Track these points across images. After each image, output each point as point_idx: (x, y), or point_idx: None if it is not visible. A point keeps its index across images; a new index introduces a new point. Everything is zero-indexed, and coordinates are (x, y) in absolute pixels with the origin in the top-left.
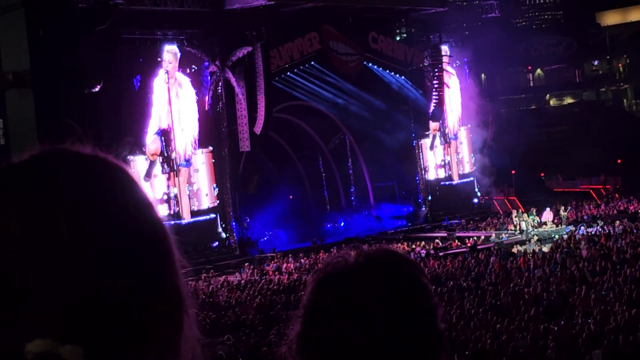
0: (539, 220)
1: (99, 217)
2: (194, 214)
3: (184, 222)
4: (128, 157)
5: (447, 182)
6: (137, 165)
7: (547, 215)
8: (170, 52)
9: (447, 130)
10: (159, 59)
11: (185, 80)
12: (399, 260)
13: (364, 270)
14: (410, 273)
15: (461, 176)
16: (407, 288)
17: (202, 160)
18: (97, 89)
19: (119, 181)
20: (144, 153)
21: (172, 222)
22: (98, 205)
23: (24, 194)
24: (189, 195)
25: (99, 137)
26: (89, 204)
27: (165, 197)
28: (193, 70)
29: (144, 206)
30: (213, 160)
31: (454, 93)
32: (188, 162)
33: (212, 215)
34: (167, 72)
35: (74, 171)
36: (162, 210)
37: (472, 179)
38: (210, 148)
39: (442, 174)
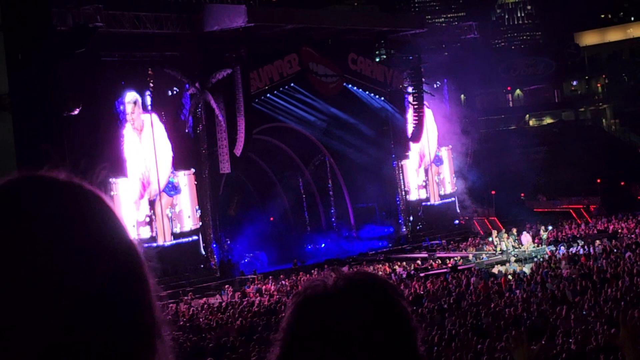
0: (519, 241)
1: (74, 247)
2: (176, 236)
3: (166, 244)
4: (110, 179)
5: (429, 203)
6: (119, 188)
7: (525, 238)
8: (130, 103)
9: (426, 151)
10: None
11: (153, 120)
12: (378, 284)
13: (344, 293)
14: (390, 297)
15: (443, 197)
16: (387, 312)
17: (184, 182)
18: (76, 112)
19: (94, 209)
20: (125, 175)
21: (155, 245)
22: (72, 234)
23: None
24: (170, 217)
25: (78, 160)
26: (64, 233)
27: (147, 219)
28: (175, 92)
29: (119, 234)
30: (196, 183)
31: (434, 114)
32: (173, 189)
33: (195, 237)
34: (132, 122)
35: (49, 199)
36: (145, 232)
37: (453, 199)
38: (193, 170)
39: (423, 194)
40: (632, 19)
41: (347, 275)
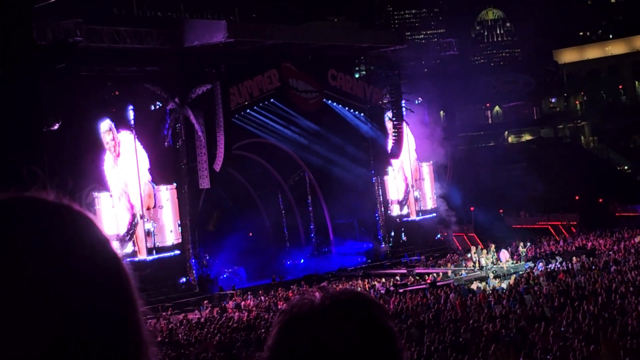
0: (497, 258)
1: (63, 268)
2: (158, 250)
3: (148, 258)
4: (92, 193)
5: (409, 219)
6: (101, 202)
7: (504, 255)
8: (105, 133)
9: (406, 167)
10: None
11: (131, 146)
12: (365, 303)
13: (330, 313)
14: (376, 316)
15: (424, 212)
16: (373, 332)
17: (166, 196)
18: (56, 127)
19: (83, 230)
20: (107, 189)
21: (136, 259)
22: (62, 255)
23: None
24: (153, 232)
25: (59, 175)
26: (54, 254)
27: (128, 236)
28: (157, 107)
29: (108, 255)
30: (178, 198)
31: (413, 130)
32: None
33: (177, 252)
34: (110, 149)
35: (40, 220)
36: (128, 247)
37: (434, 215)
38: (175, 184)
39: (404, 210)
40: (611, 36)
41: (333, 294)
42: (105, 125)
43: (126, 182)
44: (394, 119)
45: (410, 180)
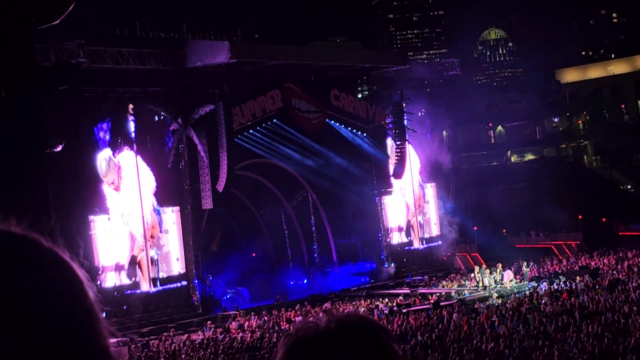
0: (501, 277)
1: (26, 304)
2: (163, 281)
3: (151, 290)
4: (89, 216)
5: (412, 247)
6: (97, 226)
7: (507, 275)
8: (103, 160)
9: (409, 188)
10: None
11: (134, 167)
12: (370, 327)
13: (336, 336)
14: (382, 340)
15: (428, 240)
16: (379, 356)
17: (172, 220)
18: (59, 149)
19: (47, 264)
20: (106, 212)
21: (138, 291)
22: (23, 289)
23: None
24: (157, 259)
25: (60, 196)
26: (13, 288)
27: (128, 263)
28: (158, 128)
29: (73, 290)
30: (181, 219)
31: (416, 150)
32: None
33: (183, 283)
34: (112, 182)
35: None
36: (126, 278)
37: (439, 243)
38: (178, 207)
39: (405, 238)
40: (613, 56)
41: (339, 317)
42: (103, 154)
43: (128, 207)
44: (396, 139)
45: (412, 206)
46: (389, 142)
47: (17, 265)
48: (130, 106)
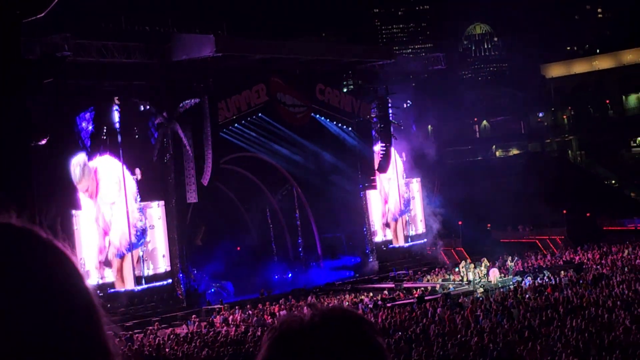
0: (486, 273)
1: (26, 295)
2: (148, 279)
3: (136, 289)
4: (72, 211)
5: (396, 245)
6: (81, 221)
7: (493, 273)
8: (77, 166)
9: (394, 183)
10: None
11: (113, 171)
12: (354, 320)
13: (320, 329)
14: (366, 333)
15: (413, 237)
16: (363, 349)
17: (157, 214)
18: (43, 142)
19: (46, 255)
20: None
21: (122, 290)
22: (25, 283)
23: None
24: (142, 257)
25: (45, 191)
26: (17, 282)
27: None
28: (141, 122)
29: (72, 280)
30: (166, 213)
31: (401, 144)
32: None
33: (169, 281)
34: (86, 190)
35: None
36: (110, 275)
37: (424, 241)
38: (163, 202)
39: (389, 234)
40: (598, 51)
41: (323, 311)
42: (77, 159)
43: (104, 214)
44: (381, 133)
45: (396, 203)
46: (374, 136)
47: (18, 256)
48: (116, 98)
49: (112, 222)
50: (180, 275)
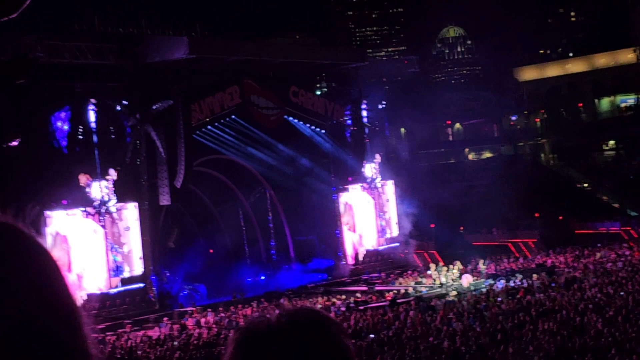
0: (459, 275)
1: (5, 293)
2: (124, 281)
3: (112, 291)
4: (45, 212)
5: (372, 248)
6: (55, 221)
7: (466, 279)
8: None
9: (368, 185)
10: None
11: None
12: (321, 321)
13: (286, 330)
14: (333, 334)
15: (388, 240)
16: (329, 349)
17: (134, 216)
18: (15, 144)
19: (25, 249)
20: (64, 208)
21: (99, 292)
22: (4, 279)
23: None
24: (116, 260)
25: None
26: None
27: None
28: (117, 123)
29: (55, 279)
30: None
31: (374, 148)
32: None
33: (141, 285)
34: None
35: None
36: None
37: (397, 244)
38: (137, 203)
39: (363, 237)
40: (571, 55)
41: (289, 311)
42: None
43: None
44: (354, 135)
45: (370, 205)
46: (347, 138)
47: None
48: (92, 100)
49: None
50: (153, 277)
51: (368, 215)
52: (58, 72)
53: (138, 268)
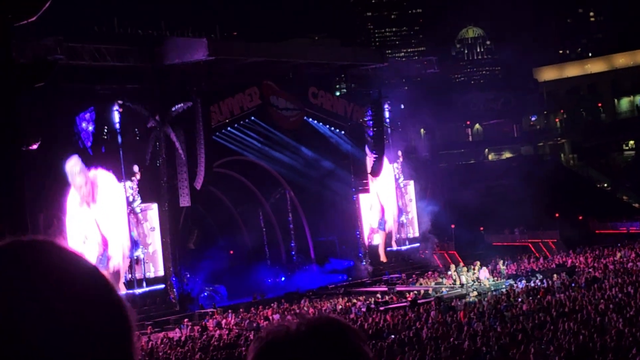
0: (478, 276)
1: (61, 308)
2: (149, 282)
3: (137, 292)
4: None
5: (393, 249)
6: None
7: (483, 273)
8: (75, 174)
9: (389, 190)
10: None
11: (104, 179)
12: (340, 328)
13: (306, 339)
14: (352, 342)
15: (411, 240)
16: (349, 357)
17: (157, 215)
18: (35, 147)
19: (81, 270)
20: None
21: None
22: (59, 295)
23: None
24: (143, 259)
25: (37, 197)
26: (55, 294)
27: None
28: (140, 124)
29: (107, 291)
30: (159, 217)
31: (395, 147)
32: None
33: (162, 286)
34: (85, 195)
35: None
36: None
37: (417, 245)
38: (157, 204)
39: (382, 238)
40: (590, 55)
41: (309, 320)
42: (73, 165)
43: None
44: (374, 136)
45: (391, 206)
46: (367, 139)
47: (49, 269)
48: (119, 101)
49: (109, 234)
50: (173, 279)
51: (390, 214)
52: (77, 75)
53: (160, 269)
